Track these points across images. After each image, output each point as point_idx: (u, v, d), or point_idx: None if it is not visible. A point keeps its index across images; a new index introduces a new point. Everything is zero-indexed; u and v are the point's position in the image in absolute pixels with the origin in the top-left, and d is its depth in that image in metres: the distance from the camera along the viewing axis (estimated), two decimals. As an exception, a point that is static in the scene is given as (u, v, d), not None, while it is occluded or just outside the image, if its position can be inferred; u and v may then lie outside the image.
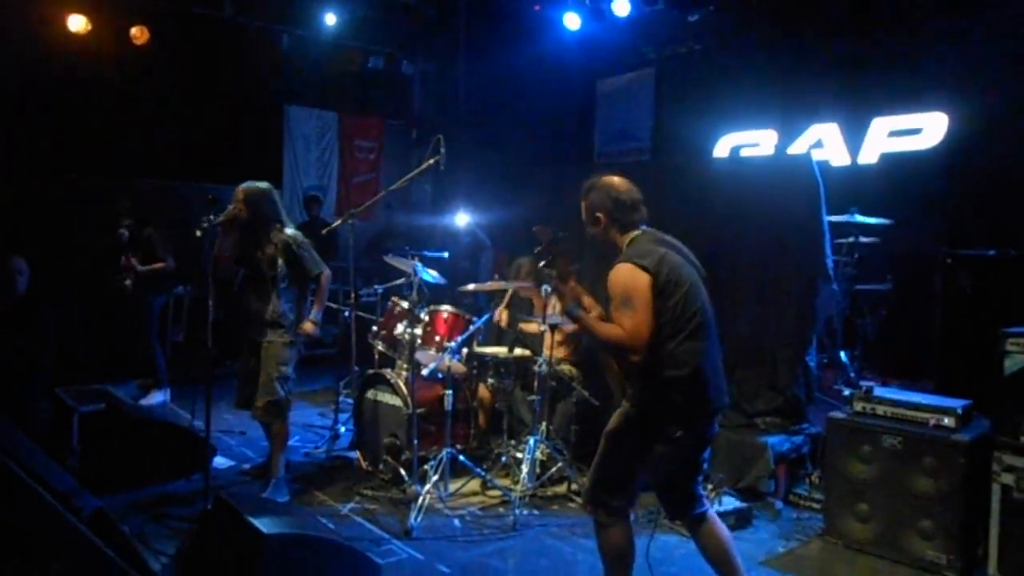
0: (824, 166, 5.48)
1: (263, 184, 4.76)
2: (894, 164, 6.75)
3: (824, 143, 7.26)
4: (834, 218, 5.33)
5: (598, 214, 3.06)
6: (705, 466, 3.24)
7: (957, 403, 3.96)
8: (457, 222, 8.32)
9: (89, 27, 7.57)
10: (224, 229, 4.54)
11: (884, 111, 6.87)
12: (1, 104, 7.23)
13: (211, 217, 4.22)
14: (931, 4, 6.58)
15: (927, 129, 6.59)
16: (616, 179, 3.13)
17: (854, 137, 7.07)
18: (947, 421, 3.89)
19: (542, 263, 3.04)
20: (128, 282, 6.74)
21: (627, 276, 2.86)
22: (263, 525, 3.00)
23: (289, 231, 4.73)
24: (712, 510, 3.21)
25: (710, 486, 4.27)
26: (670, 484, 3.16)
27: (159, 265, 6.77)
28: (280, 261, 4.66)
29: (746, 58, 7.87)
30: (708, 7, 7.66)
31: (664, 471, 3.06)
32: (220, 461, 5.27)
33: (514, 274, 5.71)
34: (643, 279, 2.84)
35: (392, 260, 5.43)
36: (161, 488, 4.73)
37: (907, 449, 3.93)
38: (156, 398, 6.77)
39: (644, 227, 3.08)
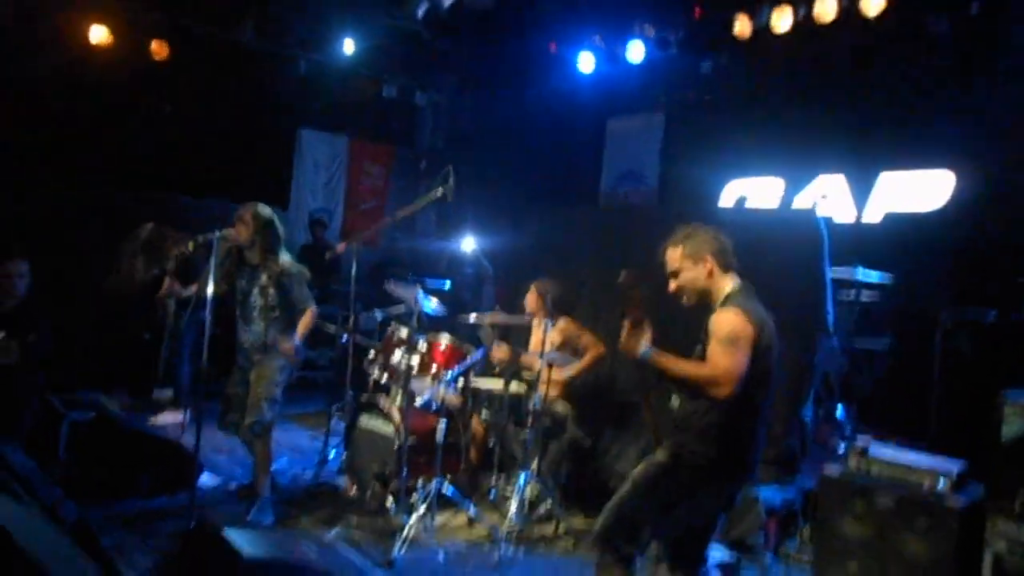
0: (828, 221, 5.49)
1: (269, 210, 4.77)
2: (898, 221, 6.79)
3: (830, 195, 7.31)
4: (836, 272, 5.34)
5: (706, 255, 3.04)
6: (717, 528, 3.22)
7: (953, 466, 3.92)
8: (463, 247, 8.33)
9: (110, 39, 7.66)
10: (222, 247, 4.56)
11: (891, 166, 6.92)
12: (19, 113, 7.30)
13: (208, 234, 4.25)
14: (941, 63, 6.66)
15: (933, 188, 6.62)
16: (710, 227, 3.14)
17: (860, 191, 7.12)
18: (942, 484, 3.85)
19: (621, 312, 3.04)
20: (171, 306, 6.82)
21: (737, 320, 2.85)
22: (243, 548, 2.97)
23: (284, 259, 4.74)
24: (715, 572, 3.18)
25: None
26: (682, 540, 3.13)
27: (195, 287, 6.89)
28: (272, 291, 4.67)
29: (755, 109, 7.95)
30: (720, 57, 7.76)
31: (682, 527, 3.03)
32: (207, 479, 5.21)
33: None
34: (750, 330, 2.84)
35: (393, 287, 5.42)
36: (146, 502, 4.68)
37: (900, 510, 3.88)
38: (169, 418, 6.69)
39: (740, 279, 3.07)
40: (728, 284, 3.04)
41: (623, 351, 2.96)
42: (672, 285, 3.12)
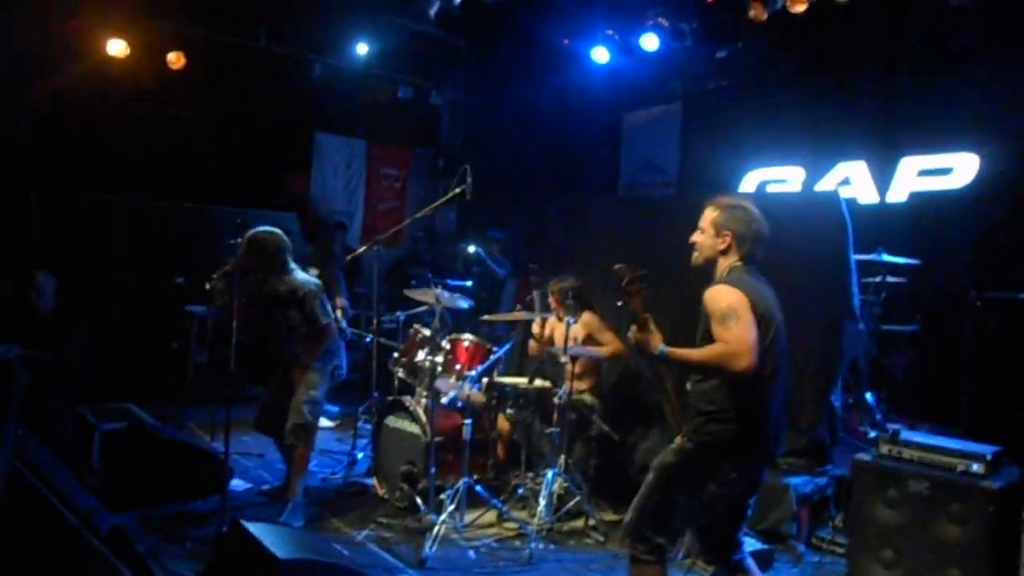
0: (852, 204, 5.43)
1: (267, 231, 4.74)
2: (923, 203, 6.69)
3: (852, 181, 7.22)
4: (861, 256, 5.28)
5: (727, 233, 3.05)
6: (748, 512, 3.20)
7: (987, 449, 3.86)
8: (469, 250, 8.36)
9: (128, 52, 7.75)
10: (233, 276, 4.58)
11: (914, 150, 6.82)
12: (40, 125, 7.41)
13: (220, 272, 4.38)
14: (963, 43, 6.54)
15: (957, 169, 6.52)
16: (758, 211, 3.12)
17: (883, 175, 7.02)
18: (976, 467, 3.79)
19: (619, 302, 3.03)
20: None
21: (728, 293, 2.87)
22: (277, 550, 2.99)
23: (298, 277, 4.77)
24: (749, 559, 3.14)
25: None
26: (713, 527, 3.12)
27: None
28: (292, 312, 4.73)
29: (774, 95, 7.88)
30: (736, 44, 7.69)
31: (711, 513, 3.02)
32: (237, 483, 5.26)
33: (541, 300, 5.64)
34: (744, 299, 2.84)
35: (412, 293, 5.44)
36: (178, 508, 4.73)
37: (934, 495, 3.82)
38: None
39: (748, 266, 3.08)
40: (730, 265, 3.04)
41: (639, 352, 2.99)
42: (694, 236, 3.15)
